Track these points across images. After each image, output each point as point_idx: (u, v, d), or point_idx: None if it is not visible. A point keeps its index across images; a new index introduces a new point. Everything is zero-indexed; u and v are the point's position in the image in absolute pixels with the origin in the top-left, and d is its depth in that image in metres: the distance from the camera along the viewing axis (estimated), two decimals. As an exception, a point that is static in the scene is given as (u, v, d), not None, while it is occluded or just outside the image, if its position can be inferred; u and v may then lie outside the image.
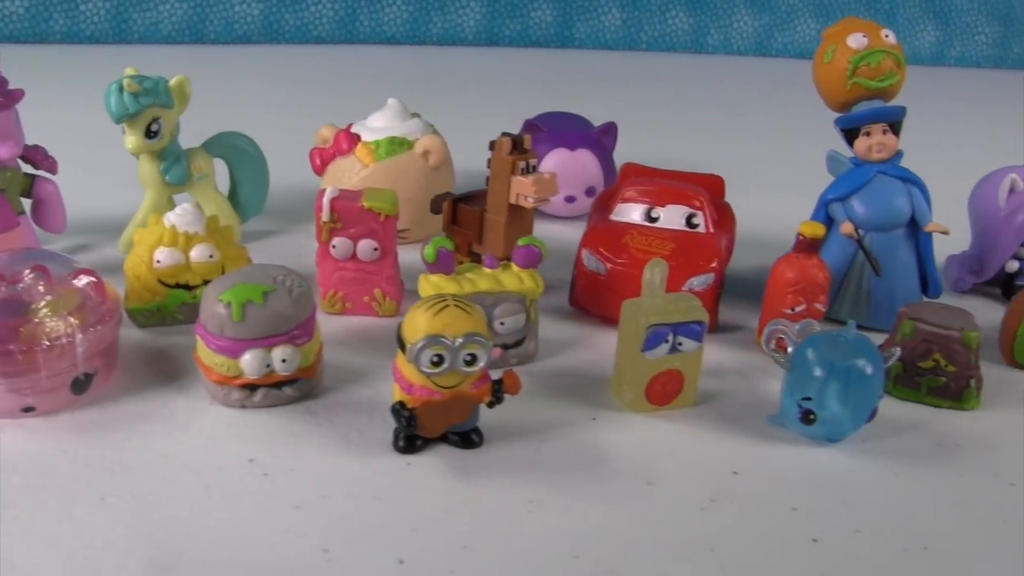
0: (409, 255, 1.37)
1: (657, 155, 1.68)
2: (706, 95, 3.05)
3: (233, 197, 1.53)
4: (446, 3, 3.40)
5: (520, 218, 1.30)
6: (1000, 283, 1.51)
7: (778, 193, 1.81)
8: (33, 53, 2.94)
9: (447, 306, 0.93)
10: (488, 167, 1.29)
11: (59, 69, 2.80)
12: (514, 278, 1.15)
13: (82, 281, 1.07)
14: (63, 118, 2.14)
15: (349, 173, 1.51)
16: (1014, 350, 1.29)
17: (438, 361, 0.92)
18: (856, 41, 1.29)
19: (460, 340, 0.92)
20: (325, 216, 1.23)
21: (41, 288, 1.02)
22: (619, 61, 3.46)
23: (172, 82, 1.38)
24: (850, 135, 1.33)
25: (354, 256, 1.27)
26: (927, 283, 1.37)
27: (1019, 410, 1.20)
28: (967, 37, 3.78)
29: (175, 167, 1.42)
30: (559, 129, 1.68)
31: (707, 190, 1.42)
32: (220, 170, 1.51)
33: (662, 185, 1.37)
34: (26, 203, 1.41)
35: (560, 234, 1.56)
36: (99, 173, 1.73)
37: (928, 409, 1.18)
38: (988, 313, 1.37)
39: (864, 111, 1.31)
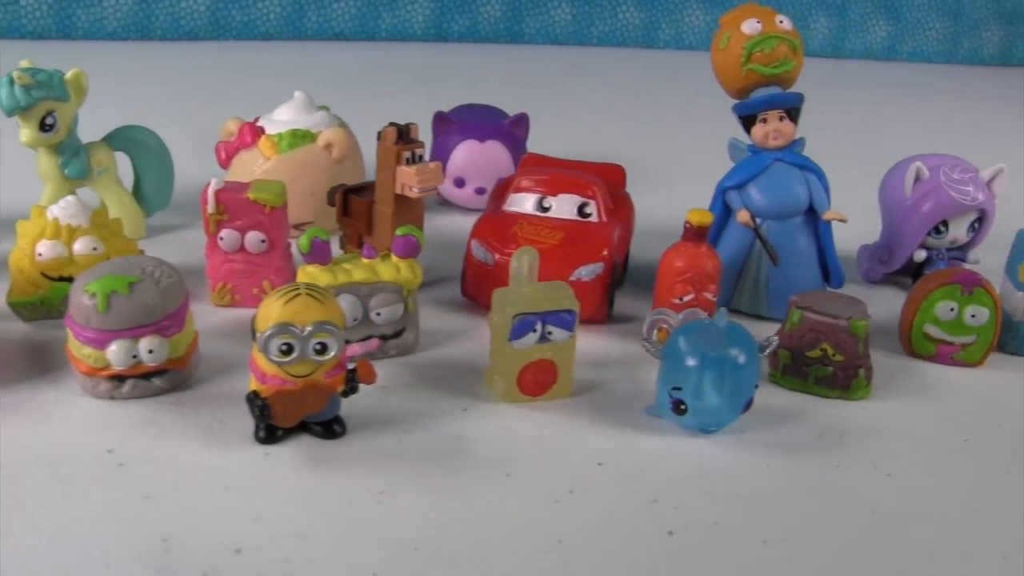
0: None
1: (590, 149, 1.68)
2: (655, 89, 3.07)
3: (137, 191, 1.53)
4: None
5: (408, 209, 1.30)
6: (910, 272, 1.50)
7: (701, 183, 1.81)
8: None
9: (298, 295, 0.93)
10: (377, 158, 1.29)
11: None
12: (391, 268, 1.15)
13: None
14: None
15: (252, 166, 1.51)
16: (911, 340, 1.29)
17: (287, 350, 0.93)
18: (750, 27, 1.30)
19: (309, 328, 0.92)
20: (210, 208, 1.24)
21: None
22: (569, 56, 3.45)
23: (68, 75, 1.38)
24: (747, 122, 1.34)
25: (242, 248, 1.27)
26: (829, 273, 1.37)
27: (910, 400, 1.21)
28: (918, 32, 3.78)
29: (74, 161, 1.42)
30: (470, 121, 1.68)
31: (606, 179, 1.43)
32: (124, 164, 1.50)
33: (556, 174, 1.38)
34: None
35: (466, 225, 1.55)
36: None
37: (816, 400, 1.18)
38: (896, 303, 1.37)
39: (760, 98, 1.31)
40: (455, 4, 3.43)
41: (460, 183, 1.67)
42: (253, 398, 0.96)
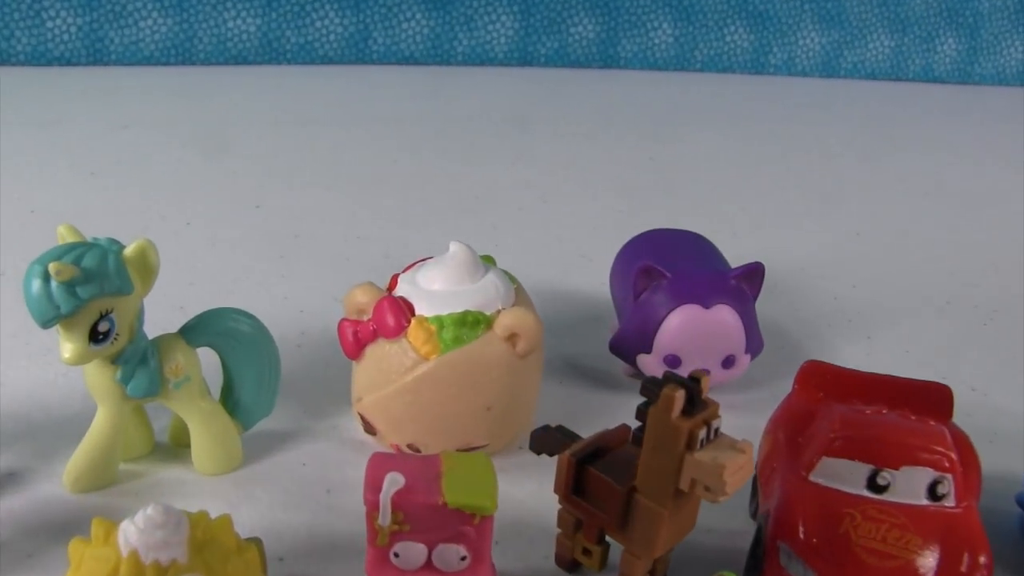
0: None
1: (718, 189, 1.22)
2: (768, 120, 2.70)
3: (229, 399, 1.05)
4: (473, 18, 2.90)
5: (684, 505, 0.82)
6: None
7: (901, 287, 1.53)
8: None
9: None
10: (638, 418, 0.81)
11: (23, 95, 2.37)
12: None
13: None
14: (24, 170, 1.84)
15: (399, 366, 1.03)
16: None
17: None
18: None
19: None
20: (383, 520, 0.75)
21: None
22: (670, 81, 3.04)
23: (128, 250, 0.89)
24: None
25: (428, 564, 0.79)
26: None
27: None
28: (996, 52, 3.33)
29: (140, 372, 0.95)
30: (683, 271, 1.20)
31: (930, 409, 0.96)
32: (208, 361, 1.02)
33: (886, 429, 0.90)
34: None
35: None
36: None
37: None
38: None
39: None
40: (543, 24, 2.93)
41: (674, 361, 1.19)
42: None
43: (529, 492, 1.03)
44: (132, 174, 1.82)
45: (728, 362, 1.20)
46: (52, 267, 0.83)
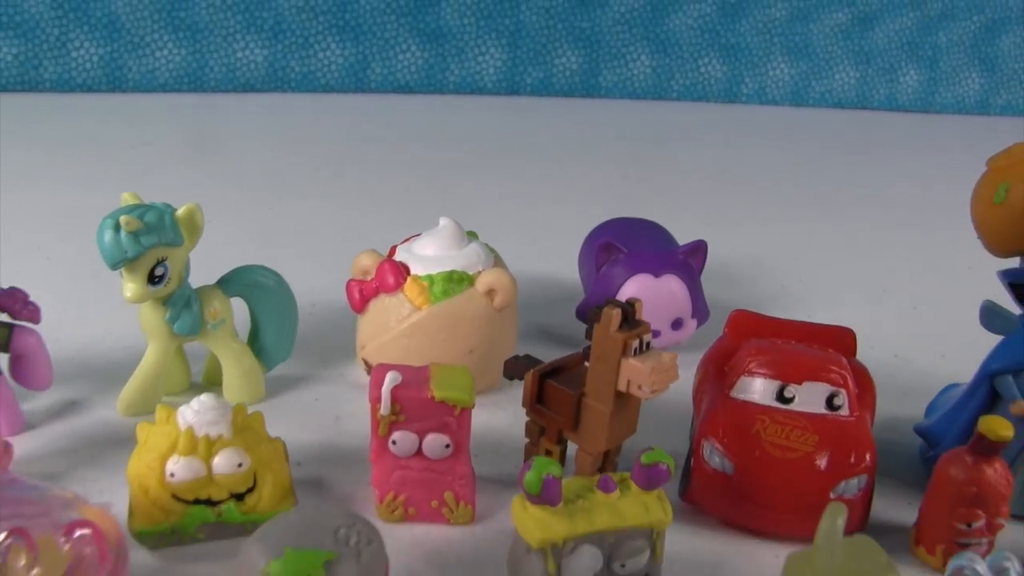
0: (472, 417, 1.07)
1: (689, 217, 1.43)
2: (740, 147, 2.90)
3: (255, 342, 1.26)
4: (464, 50, 3.13)
5: (627, 406, 1.03)
6: None
7: (854, 288, 1.72)
8: (23, 102, 2.73)
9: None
10: (587, 337, 1.02)
11: (50, 118, 2.61)
12: (637, 506, 0.89)
13: (76, 534, 0.78)
14: (54, 184, 2.04)
15: (397, 315, 1.24)
16: None
17: None
18: None
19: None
20: (385, 410, 0.96)
21: (22, 561, 0.74)
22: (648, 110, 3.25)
23: (180, 212, 1.10)
24: (1022, 291, 1.06)
25: (419, 452, 1.00)
26: None
27: None
28: (1014, 84, 3.55)
29: (185, 314, 1.15)
30: (638, 248, 1.41)
31: (838, 347, 1.17)
32: (239, 309, 1.24)
33: (795, 354, 1.12)
34: (1, 357, 1.13)
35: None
36: (91, 273, 1.41)
37: None
38: None
39: None
40: (529, 56, 3.16)
41: (630, 324, 1.39)
42: None
43: (503, 422, 1.23)
44: (147, 188, 2.02)
45: (676, 324, 1.41)
46: (123, 219, 1.05)
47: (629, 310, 0.99)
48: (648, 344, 1.00)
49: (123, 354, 1.28)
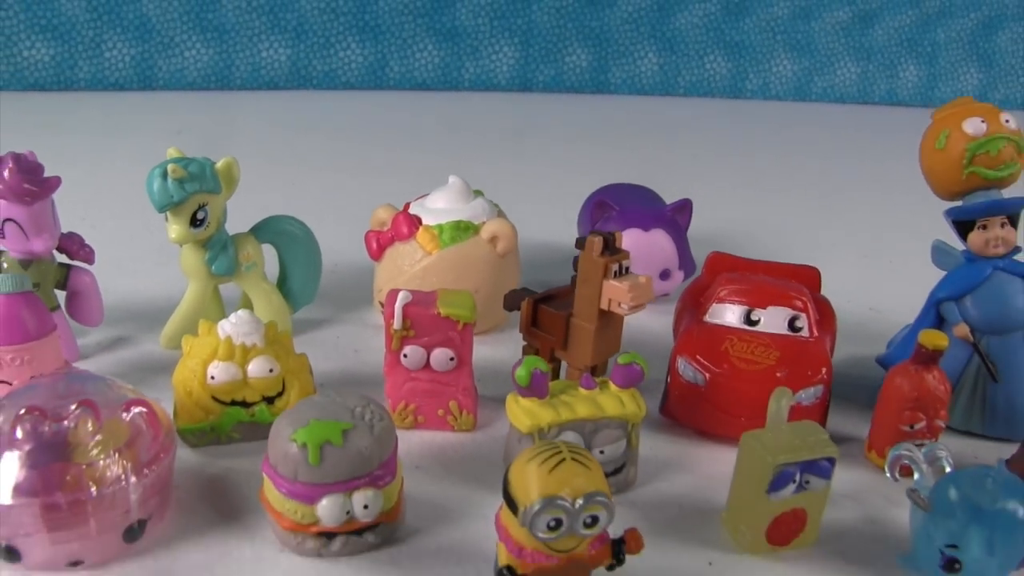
0: (478, 351, 1.24)
1: (695, 208, 1.58)
2: (745, 141, 3.00)
3: (283, 285, 1.40)
4: (478, 48, 3.28)
5: (610, 324, 1.17)
6: None
7: (845, 261, 1.79)
8: (58, 101, 2.88)
9: (563, 460, 0.80)
10: (574, 268, 1.16)
11: (84, 117, 2.75)
12: (614, 400, 1.02)
13: (133, 412, 0.93)
14: (91, 174, 2.16)
15: (410, 260, 1.38)
16: None
17: (555, 525, 0.79)
18: (973, 127, 1.17)
19: (581, 501, 0.79)
20: (397, 324, 1.11)
21: (89, 427, 0.89)
22: (655, 106, 3.38)
23: (219, 164, 1.25)
24: (963, 227, 1.20)
25: (427, 366, 1.14)
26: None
27: None
28: (1011, 78, 3.66)
29: (222, 256, 1.30)
30: (630, 206, 1.55)
31: (804, 284, 1.30)
32: (269, 256, 1.38)
33: (761, 284, 1.25)
34: (60, 295, 1.28)
35: (632, 322, 1.42)
36: (131, 242, 1.66)
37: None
38: None
39: (982, 203, 1.18)
40: (541, 54, 3.31)
41: (622, 273, 1.53)
42: (507, 574, 0.82)
43: (504, 355, 1.37)
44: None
45: (664, 275, 1.55)
46: (170, 168, 1.20)
47: (610, 239, 1.13)
48: (627, 268, 1.14)
49: (165, 303, 1.42)
